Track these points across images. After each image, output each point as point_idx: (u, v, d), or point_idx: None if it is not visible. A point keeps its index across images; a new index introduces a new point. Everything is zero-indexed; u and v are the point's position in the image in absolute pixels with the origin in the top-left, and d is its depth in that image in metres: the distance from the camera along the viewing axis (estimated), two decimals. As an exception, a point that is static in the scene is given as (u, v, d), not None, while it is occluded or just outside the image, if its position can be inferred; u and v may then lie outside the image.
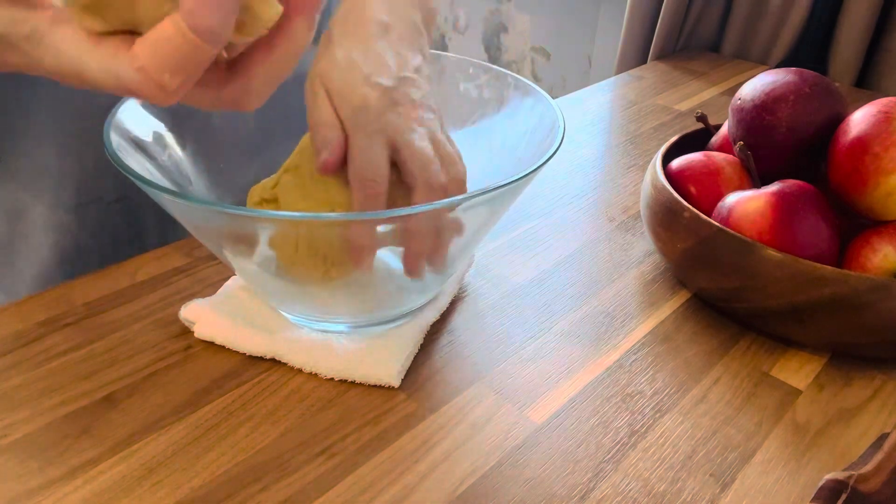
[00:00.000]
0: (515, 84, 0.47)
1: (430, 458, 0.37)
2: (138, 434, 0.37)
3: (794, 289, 0.42)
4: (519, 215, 0.59)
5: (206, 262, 0.51)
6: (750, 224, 0.44)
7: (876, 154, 0.43)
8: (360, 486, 0.35)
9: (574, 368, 0.43)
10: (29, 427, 0.38)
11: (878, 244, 0.44)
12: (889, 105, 0.44)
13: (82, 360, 0.42)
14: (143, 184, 0.34)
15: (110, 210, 0.54)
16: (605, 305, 0.49)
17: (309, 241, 0.38)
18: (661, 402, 0.41)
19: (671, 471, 0.37)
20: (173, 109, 0.44)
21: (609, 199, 0.63)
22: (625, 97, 0.88)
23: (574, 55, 1.44)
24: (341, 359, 0.41)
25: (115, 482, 0.35)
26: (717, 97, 0.89)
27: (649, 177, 0.51)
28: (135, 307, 0.46)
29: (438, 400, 0.41)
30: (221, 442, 0.37)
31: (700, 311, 0.49)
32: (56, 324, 0.44)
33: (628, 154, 0.72)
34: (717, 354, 0.45)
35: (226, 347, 0.43)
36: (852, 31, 0.93)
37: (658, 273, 0.53)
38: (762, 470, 0.38)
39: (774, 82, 0.49)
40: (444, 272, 0.43)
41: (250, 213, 0.37)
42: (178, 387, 0.40)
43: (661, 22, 1.04)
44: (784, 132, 0.48)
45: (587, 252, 0.55)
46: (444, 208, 0.35)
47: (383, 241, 0.39)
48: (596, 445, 0.38)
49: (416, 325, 0.44)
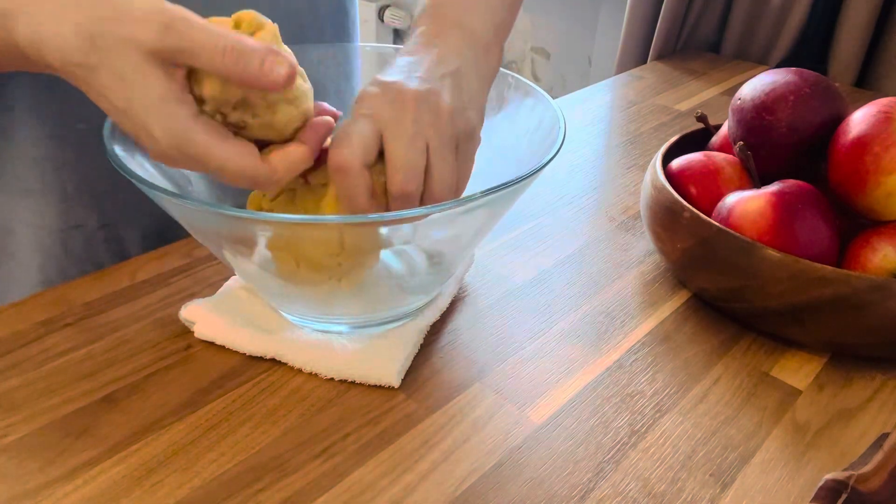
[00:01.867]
0: (516, 84, 0.47)
1: (430, 458, 0.37)
2: (138, 434, 0.37)
3: (794, 289, 0.42)
4: (519, 215, 0.59)
5: (206, 262, 0.51)
6: (750, 224, 0.44)
7: (876, 154, 0.43)
8: (360, 486, 0.35)
9: (574, 368, 0.43)
10: (29, 427, 0.38)
11: (878, 244, 0.44)
12: (889, 105, 0.44)
13: (82, 360, 0.42)
14: (144, 185, 0.34)
15: (94, 238, 0.53)
16: (605, 305, 0.49)
17: (308, 260, 0.38)
18: (661, 402, 0.41)
19: (671, 471, 0.37)
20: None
21: (609, 199, 0.63)
22: (625, 97, 0.88)
23: (574, 55, 1.44)
24: (341, 359, 0.41)
25: (115, 482, 0.35)
26: (717, 97, 0.89)
27: (649, 177, 0.51)
28: (135, 307, 0.46)
29: (438, 400, 0.41)
30: (221, 442, 0.37)
31: (700, 311, 0.49)
32: (56, 324, 0.44)
33: (628, 154, 0.72)
34: (717, 354, 0.45)
35: (226, 347, 0.43)
36: (852, 31, 0.93)
37: (658, 273, 0.53)
38: (762, 470, 0.38)
39: (774, 82, 0.49)
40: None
41: (250, 216, 0.37)
42: (178, 387, 0.40)
43: (661, 22, 1.04)
44: (784, 132, 0.48)
45: (587, 252, 0.55)
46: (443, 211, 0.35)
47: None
48: (596, 445, 0.38)
49: (416, 326, 0.44)
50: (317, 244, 0.38)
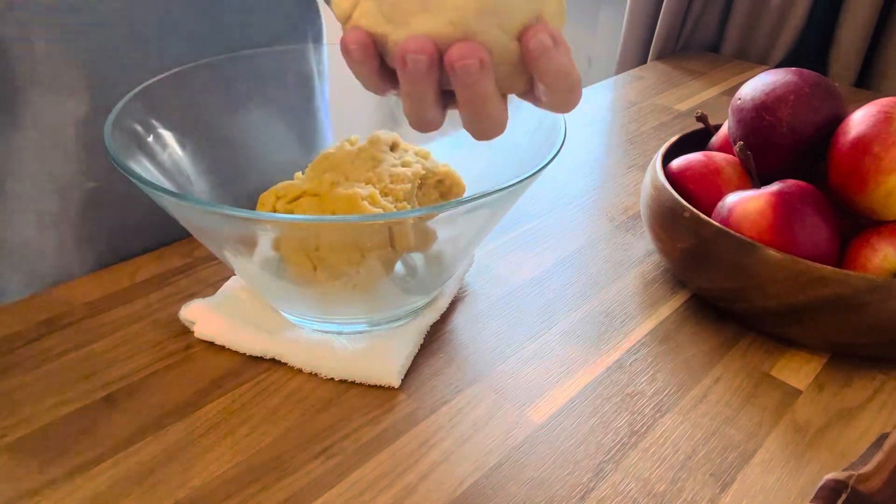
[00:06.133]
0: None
1: (430, 458, 0.37)
2: (138, 434, 0.37)
3: (794, 289, 0.42)
4: (519, 215, 0.59)
5: (206, 262, 0.51)
6: (750, 224, 0.44)
7: (876, 154, 0.43)
8: (360, 486, 0.35)
9: (574, 368, 0.43)
10: (29, 427, 0.38)
11: (878, 244, 0.44)
12: (889, 105, 0.44)
13: (82, 360, 0.42)
14: (144, 184, 0.34)
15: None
16: (605, 305, 0.49)
17: (329, 266, 0.38)
18: (661, 402, 0.41)
19: (671, 471, 0.37)
20: (173, 110, 0.44)
21: (609, 199, 0.63)
22: (625, 97, 0.88)
23: (574, 55, 1.43)
24: (341, 359, 0.41)
25: (115, 482, 0.35)
26: (717, 97, 0.89)
27: (649, 177, 0.51)
28: (135, 307, 0.46)
29: (438, 400, 0.41)
30: (221, 442, 0.37)
31: (700, 311, 0.49)
32: (56, 324, 0.44)
33: (628, 154, 0.72)
34: (717, 354, 0.45)
35: (226, 347, 0.43)
36: (852, 31, 0.93)
37: (658, 273, 0.53)
38: (762, 470, 0.38)
39: (774, 82, 0.49)
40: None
41: (252, 216, 0.37)
42: (178, 387, 0.40)
43: (661, 22, 1.04)
44: (784, 132, 0.48)
45: (587, 252, 0.55)
46: (443, 211, 0.35)
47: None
48: (596, 445, 0.38)
49: (416, 326, 0.44)
50: (339, 253, 0.38)
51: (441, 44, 0.27)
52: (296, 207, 0.40)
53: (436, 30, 0.27)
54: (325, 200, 0.40)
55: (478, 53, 0.27)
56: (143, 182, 0.34)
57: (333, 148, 0.45)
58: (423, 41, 0.27)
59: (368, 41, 0.28)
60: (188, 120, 0.45)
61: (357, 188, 0.40)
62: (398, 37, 0.28)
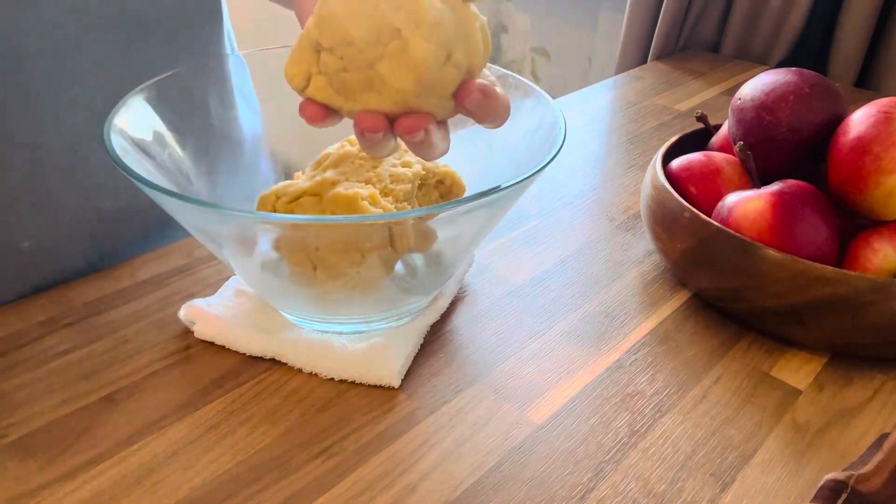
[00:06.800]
0: (516, 85, 0.47)
1: (430, 458, 0.37)
2: (138, 434, 0.37)
3: (794, 289, 0.42)
4: (519, 215, 0.59)
5: (206, 262, 0.51)
6: (750, 224, 0.44)
7: (876, 154, 0.43)
8: (360, 486, 0.35)
9: (574, 368, 0.43)
10: (29, 427, 0.38)
11: (878, 244, 0.44)
12: (889, 105, 0.44)
13: (82, 360, 0.42)
14: (144, 184, 0.34)
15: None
16: (605, 305, 0.49)
17: (329, 267, 0.38)
18: (661, 402, 0.41)
19: (671, 471, 0.37)
20: (173, 109, 0.44)
21: (609, 199, 0.63)
22: (625, 97, 0.88)
23: (574, 55, 1.44)
24: (341, 359, 0.41)
25: (115, 482, 0.35)
26: (717, 97, 0.89)
27: (649, 177, 0.51)
28: (135, 307, 0.46)
29: (438, 400, 0.41)
30: (221, 442, 0.37)
31: (700, 311, 0.49)
32: (56, 324, 0.44)
33: (628, 154, 0.72)
34: (717, 354, 0.45)
35: (226, 347, 0.43)
36: (852, 31, 0.93)
37: (658, 273, 0.53)
38: (762, 470, 0.38)
39: (774, 82, 0.49)
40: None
41: (252, 216, 0.37)
42: (178, 387, 0.40)
43: (661, 22, 1.04)
44: (784, 132, 0.48)
45: (587, 252, 0.55)
46: (444, 211, 0.35)
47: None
48: (596, 445, 0.38)
49: (416, 326, 0.44)
50: (340, 253, 0.38)
51: (390, 114, 0.31)
52: (296, 207, 0.40)
53: (384, 107, 0.30)
54: (325, 200, 0.40)
55: (423, 125, 0.30)
56: (143, 182, 0.34)
57: (334, 148, 0.45)
58: (376, 119, 0.30)
59: (324, 111, 0.32)
60: (188, 120, 0.45)
61: (357, 188, 0.40)
62: (351, 108, 0.31)
